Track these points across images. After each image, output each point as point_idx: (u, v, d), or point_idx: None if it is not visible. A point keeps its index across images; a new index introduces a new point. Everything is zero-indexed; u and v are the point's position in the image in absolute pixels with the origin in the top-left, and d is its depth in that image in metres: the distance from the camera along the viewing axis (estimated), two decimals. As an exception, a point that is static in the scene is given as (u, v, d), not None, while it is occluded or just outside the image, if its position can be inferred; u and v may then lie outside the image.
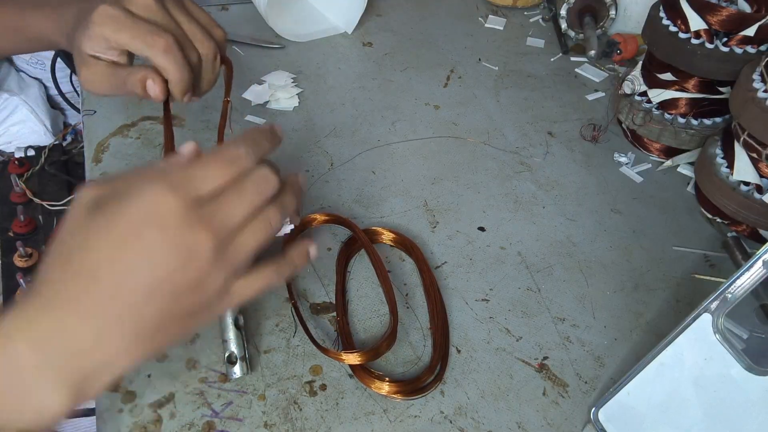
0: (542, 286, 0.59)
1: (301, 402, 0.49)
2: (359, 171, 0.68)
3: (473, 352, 0.53)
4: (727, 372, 0.42)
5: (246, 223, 0.37)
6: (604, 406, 0.48)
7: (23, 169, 0.81)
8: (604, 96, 0.82)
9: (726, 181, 0.63)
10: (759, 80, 0.59)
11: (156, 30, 0.47)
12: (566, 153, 0.73)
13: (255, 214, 0.37)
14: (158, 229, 0.33)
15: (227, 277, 0.36)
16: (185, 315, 0.36)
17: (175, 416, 0.47)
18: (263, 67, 0.80)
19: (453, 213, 0.65)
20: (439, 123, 0.76)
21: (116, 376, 0.35)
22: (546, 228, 0.65)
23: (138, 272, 0.33)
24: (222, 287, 0.36)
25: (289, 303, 0.54)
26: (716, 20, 0.63)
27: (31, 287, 0.34)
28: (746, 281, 0.41)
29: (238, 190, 0.36)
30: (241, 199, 0.36)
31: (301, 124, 0.73)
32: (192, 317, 0.36)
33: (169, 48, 0.47)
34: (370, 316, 0.55)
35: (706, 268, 0.62)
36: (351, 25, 0.88)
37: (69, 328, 0.33)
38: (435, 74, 0.83)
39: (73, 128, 1.40)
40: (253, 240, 0.37)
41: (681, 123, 0.70)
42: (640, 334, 0.56)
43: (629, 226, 0.66)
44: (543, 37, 0.92)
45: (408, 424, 0.48)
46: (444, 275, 0.59)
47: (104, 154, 0.67)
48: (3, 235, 0.76)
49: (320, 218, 0.61)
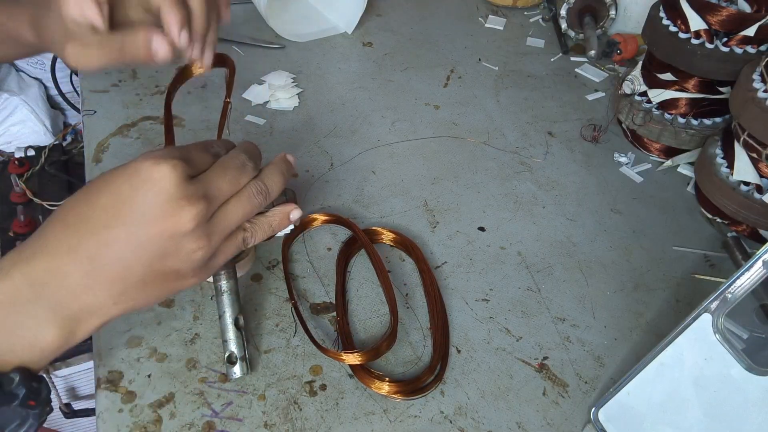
0: (542, 286, 0.59)
1: (301, 402, 0.49)
2: (359, 171, 0.68)
3: (473, 352, 0.53)
4: (727, 372, 0.42)
5: (230, 197, 0.41)
6: (604, 406, 0.48)
7: (23, 169, 0.81)
8: (604, 96, 0.82)
9: (726, 181, 0.63)
10: (759, 80, 0.59)
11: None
12: (566, 153, 0.73)
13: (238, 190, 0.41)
14: (152, 192, 0.37)
15: (208, 244, 0.39)
16: (170, 274, 0.39)
17: (175, 416, 0.47)
18: (263, 67, 0.80)
19: (453, 213, 0.65)
20: (439, 123, 0.76)
21: (104, 322, 0.39)
22: (546, 228, 0.65)
23: (129, 228, 0.37)
24: (203, 255, 0.39)
25: (289, 303, 0.54)
26: (716, 20, 0.63)
27: (33, 234, 0.38)
28: (746, 281, 0.41)
29: (222, 169, 0.41)
30: (226, 176, 0.40)
31: (301, 124, 0.73)
32: (176, 278, 0.39)
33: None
34: (370, 316, 0.55)
35: (706, 268, 0.62)
36: (351, 25, 0.88)
37: (63, 270, 0.36)
38: (435, 74, 0.83)
39: (73, 128, 1.40)
40: (236, 214, 0.41)
41: (681, 123, 0.70)
42: (640, 334, 0.56)
43: (629, 226, 0.66)
44: (543, 37, 0.92)
45: (408, 424, 0.48)
46: (444, 275, 0.59)
47: (104, 154, 0.67)
48: (3, 235, 0.76)
49: (320, 218, 0.61)
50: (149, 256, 0.38)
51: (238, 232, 0.43)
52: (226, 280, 0.49)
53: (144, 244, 0.37)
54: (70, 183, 0.81)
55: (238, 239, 0.43)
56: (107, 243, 0.37)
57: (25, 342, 0.36)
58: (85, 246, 0.37)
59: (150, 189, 0.37)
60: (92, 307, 0.38)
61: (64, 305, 0.37)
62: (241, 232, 0.43)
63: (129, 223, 0.37)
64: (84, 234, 0.37)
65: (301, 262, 0.59)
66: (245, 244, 0.44)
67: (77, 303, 0.37)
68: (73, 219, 0.38)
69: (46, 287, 0.36)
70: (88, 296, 0.37)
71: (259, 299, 0.55)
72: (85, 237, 0.37)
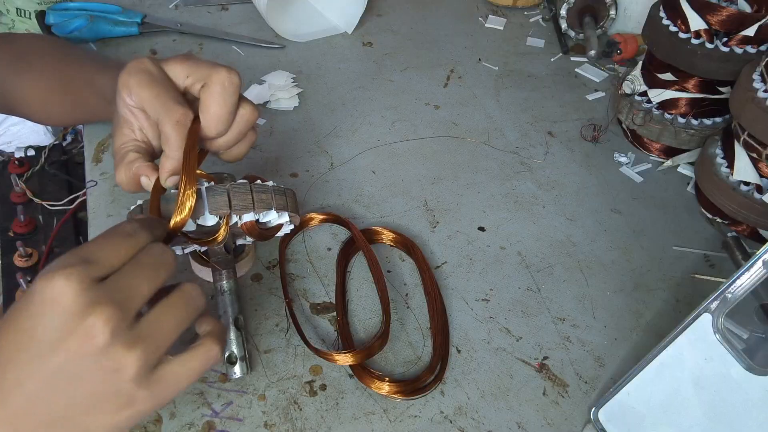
0: (542, 286, 0.59)
1: (301, 402, 0.49)
2: (359, 171, 0.68)
3: (473, 352, 0.53)
4: (727, 372, 0.42)
5: (150, 295, 0.35)
6: (604, 406, 0.48)
7: (23, 169, 0.81)
8: (604, 96, 0.82)
9: (726, 181, 0.63)
10: (759, 80, 0.59)
11: (178, 98, 0.45)
12: (566, 153, 0.73)
13: (159, 287, 0.35)
14: (50, 314, 0.32)
15: (142, 352, 0.33)
16: (107, 400, 0.33)
17: (175, 416, 0.47)
18: (263, 67, 0.80)
19: (453, 213, 0.65)
20: (439, 123, 0.76)
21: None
22: (546, 228, 0.65)
23: (37, 362, 0.32)
24: (138, 366, 0.33)
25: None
26: (716, 20, 0.63)
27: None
28: (746, 281, 0.41)
29: (136, 264, 0.35)
30: (142, 271, 0.35)
31: (301, 124, 0.73)
32: (124, 403, 0.34)
33: (183, 121, 0.44)
34: (370, 316, 0.55)
35: (706, 268, 0.62)
36: (351, 25, 0.88)
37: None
38: (435, 74, 0.83)
39: (73, 128, 1.40)
40: (169, 320, 0.35)
41: (681, 123, 0.70)
42: (640, 334, 0.56)
43: (629, 226, 0.66)
44: (543, 37, 0.92)
45: (408, 424, 0.48)
46: (444, 275, 0.59)
47: (104, 154, 0.67)
48: (3, 235, 0.76)
49: (318, 218, 0.61)
50: (66, 386, 0.32)
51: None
52: (226, 280, 0.49)
53: (56, 374, 0.32)
54: (70, 183, 0.81)
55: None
56: (18, 383, 0.32)
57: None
58: (1, 389, 0.32)
59: (48, 311, 0.32)
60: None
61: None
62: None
63: (35, 355, 0.32)
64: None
65: (301, 261, 0.59)
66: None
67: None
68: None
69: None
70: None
71: (259, 299, 0.55)
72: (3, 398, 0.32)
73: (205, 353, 0.37)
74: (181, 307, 0.36)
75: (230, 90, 0.45)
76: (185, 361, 0.36)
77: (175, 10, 0.88)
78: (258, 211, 0.46)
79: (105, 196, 0.62)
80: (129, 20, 0.82)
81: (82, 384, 0.33)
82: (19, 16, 1.04)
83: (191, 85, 0.47)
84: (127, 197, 0.61)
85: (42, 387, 0.32)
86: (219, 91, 0.45)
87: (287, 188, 0.50)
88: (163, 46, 0.82)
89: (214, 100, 0.45)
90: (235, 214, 0.46)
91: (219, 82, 0.45)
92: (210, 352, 0.37)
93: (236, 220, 0.47)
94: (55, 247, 0.74)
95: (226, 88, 0.45)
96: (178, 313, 0.36)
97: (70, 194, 0.78)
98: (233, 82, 0.46)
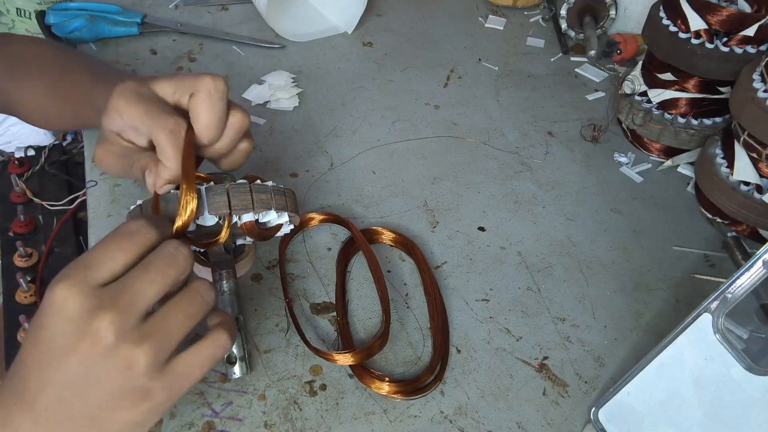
0: (542, 286, 0.59)
1: (301, 402, 0.49)
2: (359, 171, 0.68)
3: (473, 352, 0.53)
4: (727, 372, 0.42)
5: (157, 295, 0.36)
6: (604, 406, 0.48)
7: (23, 169, 0.81)
8: (604, 96, 0.82)
9: (726, 181, 0.63)
10: (759, 80, 0.59)
11: (168, 110, 0.45)
12: (566, 153, 0.73)
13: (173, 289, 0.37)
14: (59, 322, 0.34)
15: (149, 348, 0.35)
16: (125, 396, 0.35)
17: (175, 416, 0.47)
18: (263, 67, 0.80)
19: (453, 213, 0.65)
20: (439, 123, 0.76)
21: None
22: (546, 228, 0.65)
23: (54, 367, 0.34)
24: (147, 362, 0.34)
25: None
26: (716, 20, 0.63)
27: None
28: (746, 281, 0.41)
29: (144, 265, 0.36)
30: (149, 273, 0.36)
31: (301, 124, 0.73)
32: (140, 398, 0.35)
33: (176, 130, 0.44)
34: (371, 316, 0.55)
35: (706, 268, 0.62)
36: (351, 25, 0.88)
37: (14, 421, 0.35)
38: (435, 74, 0.83)
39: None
40: (177, 315, 0.36)
41: (681, 123, 0.70)
42: (640, 334, 0.56)
43: (629, 226, 0.66)
44: (543, 37, 0.92)
45: (408, 424, 0.48)
46: (444, 275, 0.59)
47: (104, 154, 0.67)
48: (3, 235, 0.75)
49: (318, 218, 0.61)
50: (85, 387, 0.34)
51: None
52: (226, 280, 0.49)
53: (74, 377, 0.34)
54: (70, 183, 0.81)
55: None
56: (42, 386, 0.35)
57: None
58: (28, 393, 0.35)
59: (56, 321, 0.34)
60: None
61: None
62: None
63: (52, 361, 0.34)
64: (23, 380, 0.35)
65: (301, 261, 0.59)
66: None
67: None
68: (15, 368, 0.36)
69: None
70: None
71: (259, 299, 0.55)
72: (23, 383, 0.35)
73: (214, 342, 0.38)
74: (189, 303, 0.37)
75: (216, 96, 0.46)
76: (196, 351, 0.37)
77: (175, 10, 0.88)
78: (257, 211, 0.46)
79: (105, 196, 0.62)
80: (129, 20, 0.82)
81: (99, 384, 0.34)
82: (19, 16, 1.04)
83: (180, 99, 0.47)
84: (127, 197, 0.61)
85: (62, 390, 0.34)
86: (206, 98, 0.46)
87: (287, 188, 0.50)
88: (163, 46, 0.82)
89: (202, 108, 0.46)
90: (234, 214, 0.46)
91: (205, 90, 0.46)
92: (219, 340, 0.38)
93: (236, 220, 0.47)
94: (55, 247, 0.74)
95: (212, 94, 0.46)
96: (186, 308, 0.37)
97: (70, 194, 0.78)
98: (219, 88, 0.46)
